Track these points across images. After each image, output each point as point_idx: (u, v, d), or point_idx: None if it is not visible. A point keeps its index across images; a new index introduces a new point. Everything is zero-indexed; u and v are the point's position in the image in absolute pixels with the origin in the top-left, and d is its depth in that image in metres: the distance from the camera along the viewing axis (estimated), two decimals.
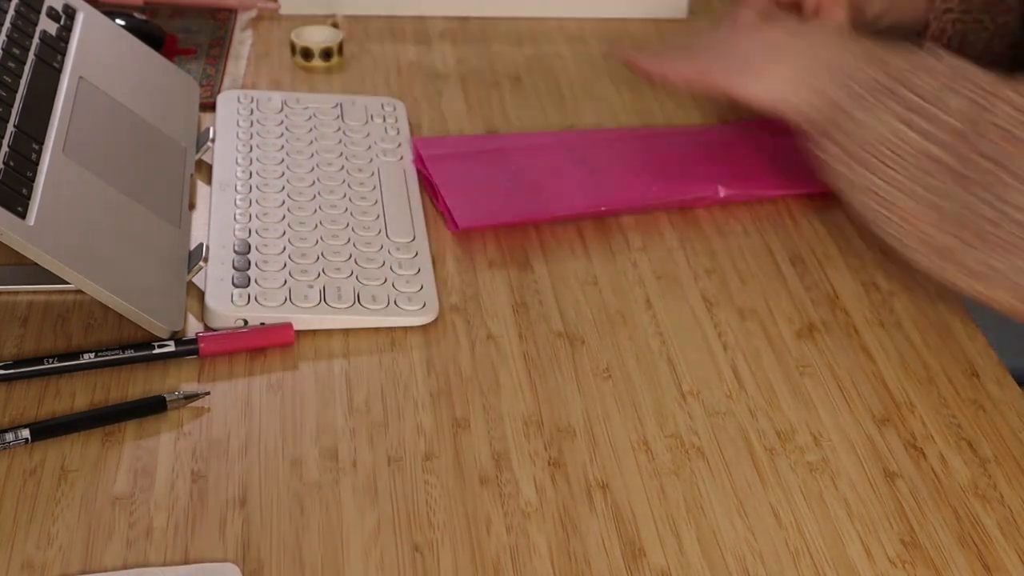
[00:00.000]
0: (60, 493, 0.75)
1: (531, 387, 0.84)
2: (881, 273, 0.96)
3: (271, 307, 0.86)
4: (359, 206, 0.97)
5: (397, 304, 0.88)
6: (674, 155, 1.07)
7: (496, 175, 1.02)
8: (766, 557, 0.73)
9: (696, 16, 1.32)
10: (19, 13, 0.95)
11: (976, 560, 0.74)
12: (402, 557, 0.72)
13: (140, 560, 0.71)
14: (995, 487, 0.79)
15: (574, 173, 1.03)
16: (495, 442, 0.80)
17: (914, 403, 0.85)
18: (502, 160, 1.04)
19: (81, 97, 0.94)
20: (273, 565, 0.71)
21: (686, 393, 0.84)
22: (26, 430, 0.77)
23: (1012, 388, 0.86)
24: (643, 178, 1.03)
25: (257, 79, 1.17)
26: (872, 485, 0.78)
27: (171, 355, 0.84)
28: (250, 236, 0.92)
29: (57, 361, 0.82)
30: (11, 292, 0.89)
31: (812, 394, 0.85)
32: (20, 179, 0.83)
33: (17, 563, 0.70)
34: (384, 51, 1.22)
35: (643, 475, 0.78)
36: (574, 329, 0.89)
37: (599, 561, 0.73)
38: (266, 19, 1.26)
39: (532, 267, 0.95)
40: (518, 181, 1.02)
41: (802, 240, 0.99)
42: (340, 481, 0.76)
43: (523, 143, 1.08)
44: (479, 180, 1.01)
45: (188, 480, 0.76)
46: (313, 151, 1.03)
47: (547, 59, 1.23)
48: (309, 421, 0.81)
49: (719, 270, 0.96)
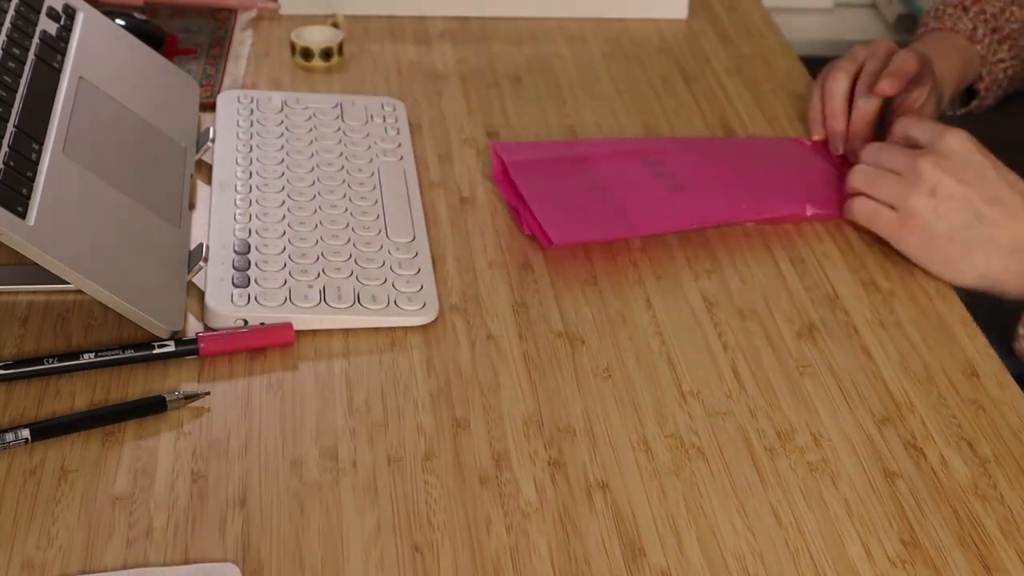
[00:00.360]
0: (60, 493, 0.75)
1: (531, 387, 0.84)
2: (881, 273, 0.96)
3: (271, 307, 0.86)
4: (359, 206, 0.97)
5: (397, 304, 0.88)
6: (757, 168, 1.05)
7: (580, 188, 1.00)
8: (766, 557, 0.73)
9: (696, 16, 1.32)
10: (19, 13, 0.95)
11: (976, 560, 0.74)
12: (402, 557, 0.72)
13: (140, 560, 0.71)
14: (995, 487, 0.79)
15: (657, 187, 1.01)
16: (495, 442, 0.80)
17: (914, 403, 0.85)
18: (584, 171, 1.02)
19: (81, 97, 0.94)
20: (273, 565, 0.71)
21: (686, 393, 0.84)
22: (26, 430, 0.77)
23: (1012, 388, 0.86)
24: (730, 193, 1.01)
25: (257, 79, 1.17)
26: (872, 485, 0.78)
27: (171, 355, 0.84)
28: (250, 236, 0.92)
29: (57, 361, 0.82)
30: (11, 292, 0.89)
31: (812, 394, 0.85)
32: (20, 179, 0.83)
33: (17, 563, 0.70)
34: (384, 51, 1.22)
35: (643, 475, 0.78)
36: (574, 329, 0.89)
37: (599, 561, 0.73)
38: (266, 19, 1.26)
39: (532, 267, 0.95)
40: (605, 196, 1.00)
41: (802, 240, 0.99)
42: (340, 481, 0.76)
43: (600, 152, 1.05)
44: (566, 193, 0.99)
45: (188, 480, 0.76)
46: (313, 151, 1.03)
47: (547, 59, 1.23)
48: (309, 421, 0.81)
49: (719, 270, 0.96)
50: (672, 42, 1.27)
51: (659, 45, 1.26)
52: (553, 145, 1.08)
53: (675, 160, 1.05)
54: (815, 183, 1.04)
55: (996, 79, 1.20)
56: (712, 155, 1.07)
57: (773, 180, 1.04)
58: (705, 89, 1.19)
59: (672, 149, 1.07)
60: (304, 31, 1.20)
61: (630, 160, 1.04)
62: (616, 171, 1.03)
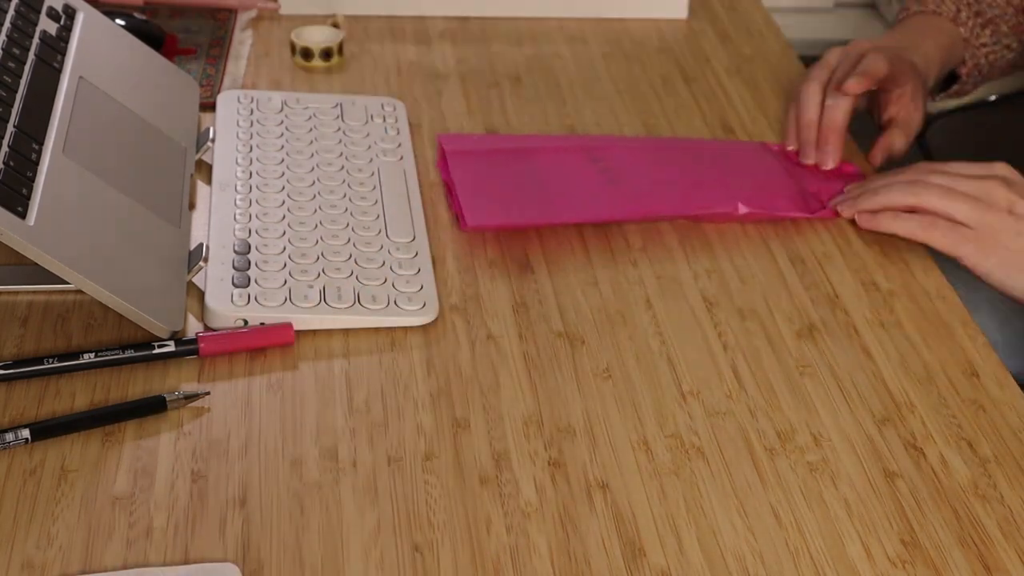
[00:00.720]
0: (60, 493, 0.75)
1: (531, 387, 0.84)
2: (881, 273, 0.96)
3: (271, 307, 0.86)
4: (359, 206, 0.97)
5: (397, 304, 0.88)
6: (695, 167, 1.06)
7: (514, 176, 1.02)
8: (766, 557, 0.73)
9: (696, 16, 1.32)
10: (19, 13, 0.95)
11: (976, 560, 0.74)
12: (402, 557, 0.72)
13: (140, 560, 0.71)
14: (995, 487, 0.79)
15: (593, 180, 1.02)
16: (495, 442, 0.80)
17: (914, 403, 0.85)
18: (524, 161, 1.04)
19: (81, 97, 0.94)
20: (273, 565, 0.71)
21: (686, 393, 0.84)
22: (26, 430, 0.77)
23: (1012, 388, 0.86)
24: (661, 190, 1.02)
25: (257, 79, 1.17)
26: (872, 485, 0.78)
27: (171, 355, 0.84)
28: (250, 236, 0.92)
29: (57, 361, 0.82)
30: (11, 292, 0.89)
31: (812, 394, 0.85)
32: (20, 179, 0.83)
33: (17, 563, 0.70)
34: (384, 51, 1.22)
35: (643, 475, 0.78)
36: (574, 329, 0.89)
37: (599, 561, 0.73)
38: (266, 19, 1.26)
39: (532, 267, 0.95)
40: (536, 184, 1.01)
41: (802, 240, 0.99)
42: (340, 481, 0.76)
43: (548, 145, 1.07)
44: (496, 180, 1.01)
45: (188, 480, 0.76)
46: (313, 151, 1.03)
47: (547, 59, 1.23)
48: (309, 421, 0.81)
49: (719, 270, 0.96)
50: (672, 42, 1.27)
51: (659, 45, 1.26)
52: (500, 138, 1.09)
53: (622, 156, 1.05)
54: (761, 183, 1.04)
55: (978, 64, 1.20)
56: (664, 154, 1.08)
57: (713, 178, 1.04)
58: (705, 89, 1.19)
59: (623, 146, 1.08)
60: (304, 31, 1.20)
61: (575, 154, 1.05)
62: (556, 163, 1.04)
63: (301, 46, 1.18)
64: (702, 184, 1.03)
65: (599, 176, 1.03)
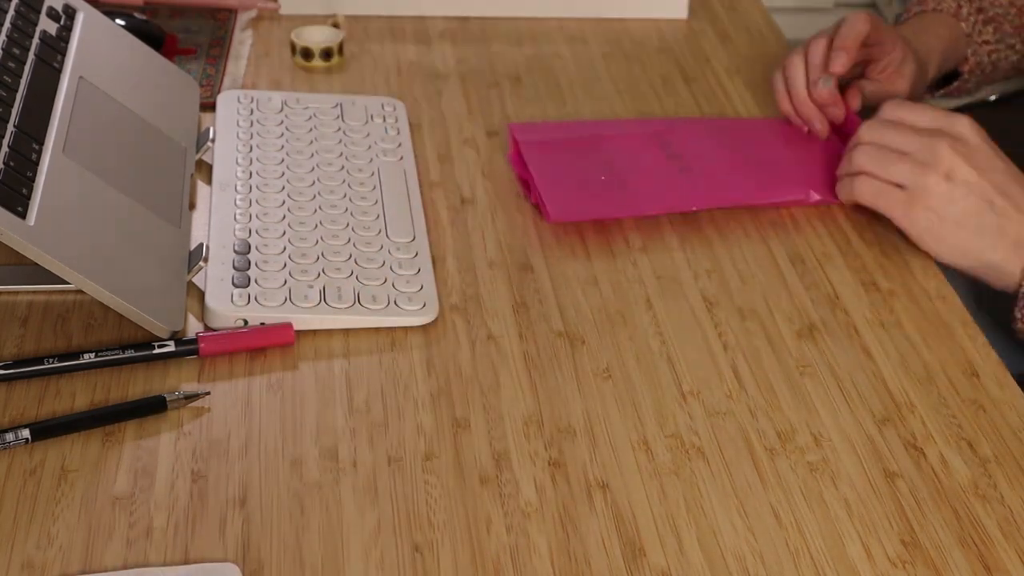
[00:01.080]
0: (60, 493, 0.75)
1: (531, 387, 0.84)
2: (881, 273, 0.96)
3: (271, 307, 0.86)
4: (359, 206, 0.97)
5: (397, 304, 0.88)
6: (766, 154, 1.06)
7: (590, 167, 1.03)
8: (766, 557, 0.73)
9: (696, 16, 1.32)
10: (19, 13, 0.95)
11: (976, 560, 0.74)
12: (402, 557, 0.72)
13: (140, 560, 0.71)
14: (995, 487, 0.79)
15: (665, 168, 1.03)
16: (495, 442, 0.80)
17: (914, 403, 0.85)
18: (597, 150, 1.05)
19: (81, 97, 0.94)
20: (273, 565, 0.71)
21: (686, 393, 0.84)
22: (26, 430, 0.77)
23: (1012, 388, 0.86)
24: (732, 178, 1.03)
25: (257, 79, 1.17)
26: (872, 485, 0.78)
27: (171, 355, 0.84)
28: (250, 236, 0.92)
29: (57, 361, 0.82)
30: (11, 292, 0.89)
31: (812, 394, 0.85)
32: (20, 179, 0.83)
33: (17, 563, 0.70)
34: (384, 51, 1.22)
35: (643, 475, 0.78)
36: (574, 329, 0.89)
37: (599, 561, 0.73)
38: (266, 19, 1.26)
39: (532, 267, 0.95)
40: (612, 175, 1.02)
41: (802, 240, 0.99)
42: (340, 481, 0.76)
43: (617, 132, 1.08)
44: (573, 171, 1.02)
45: (188, 480, 0.76)
46: (313, 151, 1.03)
47: (547, 59, 1.23)
48: (309, 421, 0.81)
49: (719, 270, 0.96)
50: (672, 42, 1.27)
51: (659, 45, 1.26)
52: (569, 125, 1.10)
53: (688, 141, 1.07)
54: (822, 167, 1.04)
55: (980, 61, 1.19)
56: (726, 136, 1.09)
57: (777, 164, 1.05)
58: (705, 89, 1.19)
59: (688, 129, 1.09)
60: (304, 31, 1.20)
61: (644, 140, 1.06)
62: (628, 151, 1.05)
63: (301, 46, 1.18)
64: (770, 170, 1.04)
65: (670, 164, 1.04)
